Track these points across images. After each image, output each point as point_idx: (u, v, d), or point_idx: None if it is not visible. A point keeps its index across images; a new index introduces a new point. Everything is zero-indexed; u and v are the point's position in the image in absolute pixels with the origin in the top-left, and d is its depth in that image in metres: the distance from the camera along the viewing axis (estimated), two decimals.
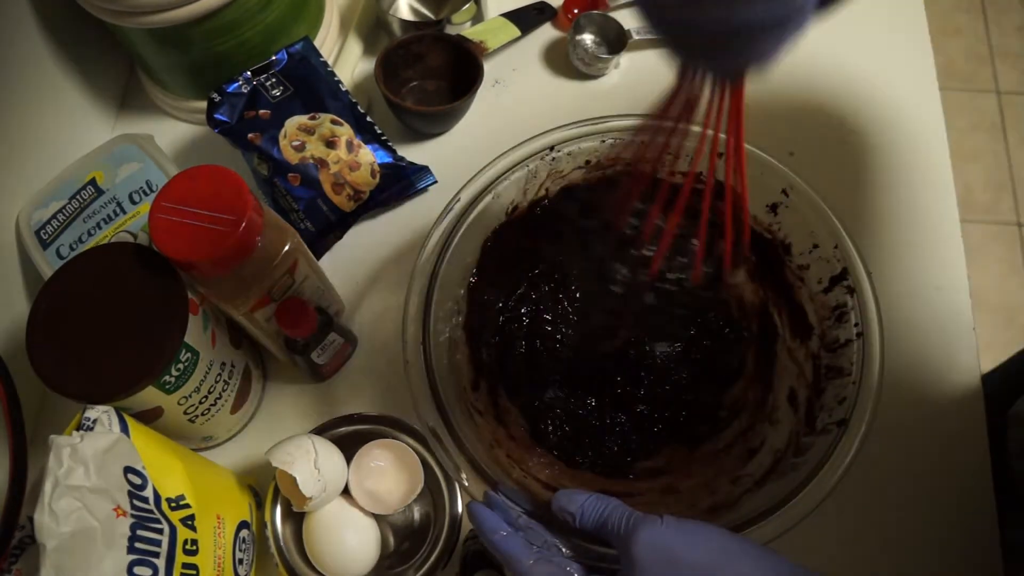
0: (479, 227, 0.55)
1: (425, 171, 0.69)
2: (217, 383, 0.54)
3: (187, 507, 0.47)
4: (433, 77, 0.74)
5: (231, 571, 0.50)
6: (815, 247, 0.52)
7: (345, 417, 0.56)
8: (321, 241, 0.66)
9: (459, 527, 0.52)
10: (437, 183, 0.70)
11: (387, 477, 0.54)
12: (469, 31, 0.76)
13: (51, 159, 0.65)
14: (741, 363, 0.59)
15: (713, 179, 0.50)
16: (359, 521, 0.53)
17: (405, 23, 0.75)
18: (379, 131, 0.68)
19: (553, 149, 0.55)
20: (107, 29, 0.65)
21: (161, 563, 0.43)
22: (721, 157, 0.53)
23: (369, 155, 0.66)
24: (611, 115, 0.55)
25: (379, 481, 0.54)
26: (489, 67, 0.75)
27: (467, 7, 0.75)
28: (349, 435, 0.55)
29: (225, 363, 0.55)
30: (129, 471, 0.44)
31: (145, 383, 0.47)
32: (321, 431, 0.55)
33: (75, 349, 0.47)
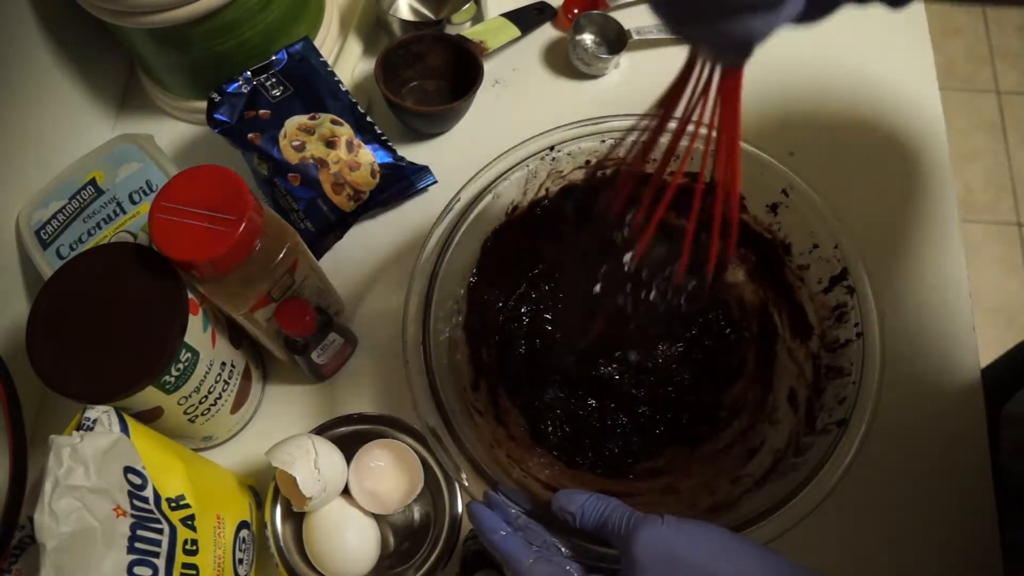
0: (479, 227, 0.55)
1: (425, 171, 0.69)
2: (217, 383, 0.54)
3: (187, 507, 0.47)
4: (433, 77, 0.74)
5: (231, 571, 0.50)
6: (815, 247, 0.52)
7: (345, 417, 0.56)
8: (321, 241, 0.66)
9: (459, 527, 0.52)
10: (437, 183, 0.70)
11: (387, 477, 0.54)
12: (469, 31, 0.76)
13: (51, 159, 0.65)
14: (741, 363, 0.59)
15: (707, 175, 0.50)
16: (359, 521, 0.53)
17: (405, 23, 0.75)
18: (379, 131, 0.68)
19: (553, 149, 0.55)
20: (107, 29, 0.65)
21: (161, 563, 0.43)
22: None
23: (369, 155, 0.66)
24: (611, 115, 0.55)
25: (379, 481, 0.54)
26: (489, 67, 0.75)
27: (467, 7, 0.75)
28: (349, 435, 0.55)
29: (225, 363, 0.55)
30: (129, 471, 0.44)
31: (145, 383, 0.47)
32: (321, 431, 0.55)
33: (75, 349, 0.47)
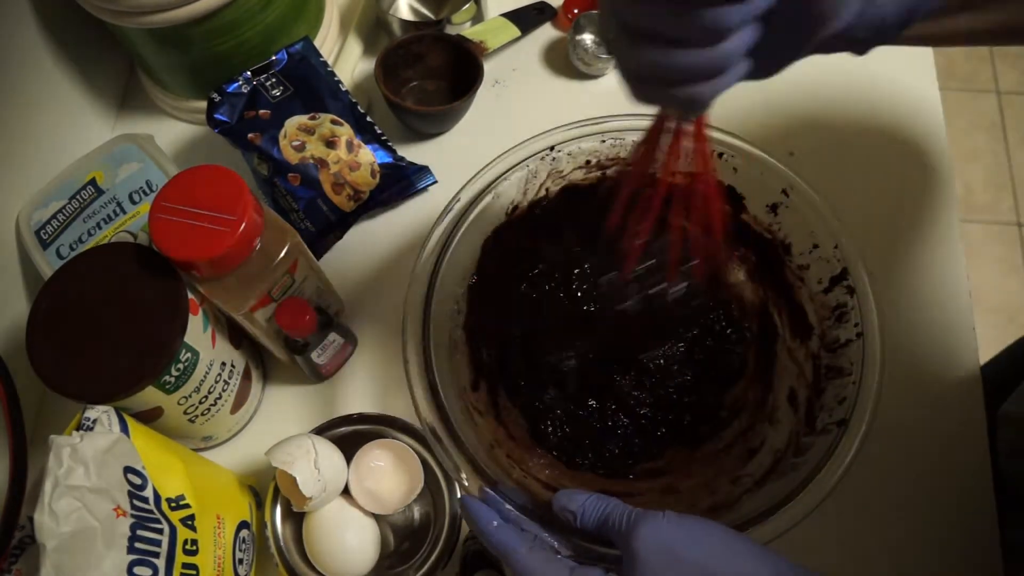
0: (479, 227, 0.55)
1: (425, 171, 0.69)
2: (217, 383, 0.54)
3: (187, 507, 0.47)
4: (433, 77, 0.74)
5: (231, 571, 0.50)
6: (815, 247, 0.52)
7: (345, 417, 0.56)
8: (321, 241, 0.66)
9: (459, 527, 0.52)
10: (437, 183, 0.70)
11: (387, 477, 0.54)
12: (469, 31, 0.76)
13: (51, 159, 0.65)
14: (742, 363, 0.59)
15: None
16: (359, 521, 0.53)
17: (405, 23, 0.75)
18: (379, 131, 0.68)
19: (553, 149, 0.55)
20: (107, 29, 0.65)
21: (161, 563, 0.43)
22: (722, 157, 0.54)
23: (369, 155, 0.66)
24: (611, 115, 0.55)
25: (379, 481, 0.54)
26: (489, 67, 0.75)
27: (467, 7, 0.75)
28: (349, 435, 0.55)
29: (225, 363, 0.55)
30: (129, 471, 0.44)
31: (145, 383, 0.47)
32: (321, 431, 0.55)
33: (75, 349, 0.47)
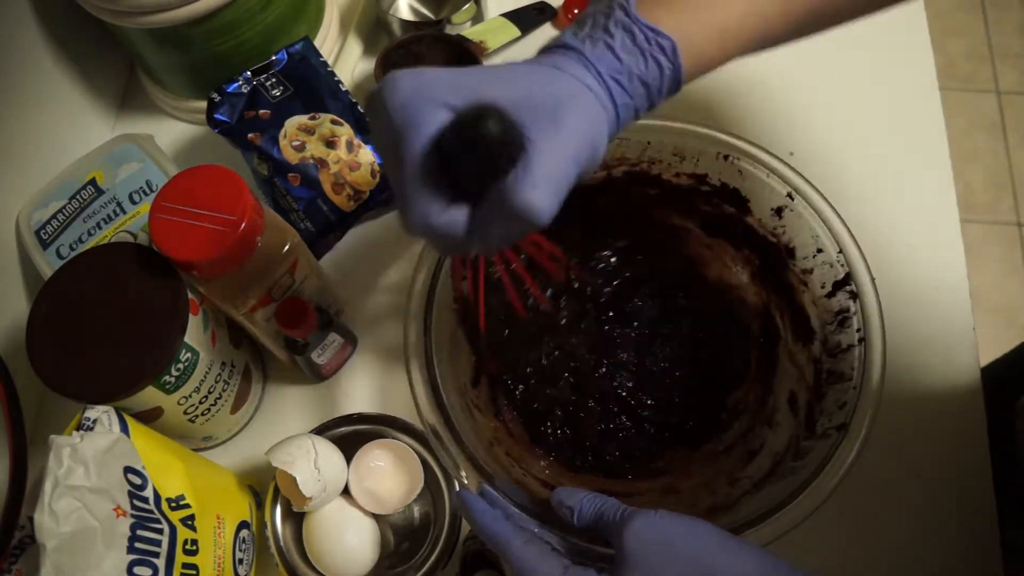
0: None
1: None
2: (217, 383, 0.54)
3: (187, 507, 0.47)
4: None
5: (231, 571, 0.50)
6: (819, 251, 0.52)
7: (345, 417, 0.56)
8: (321, 241, 0.66)
9: (459, 527, 0.52)
10: None
11: (387, 477, 0.54)
12: (469, 31, 0.76)
13: (51, 159, 0.65)
14: (744, 365, 0.58)
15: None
16: (359, 521, 0.53)
17: (405, 23, 0.75)
18: None
19: None
20: (107, 29, 0.65)
21: (161, 563, 0.43)
22: (727, 159, 0.53)
23: (369, 155, 0.66)
24: None
25: (379, 481, 0.54)
26: None
27: (467, 7, 0.75)
28: (349, 435, 0.55)
29: (225, 363, 0.55)
30: (129, 471, 0.44)
31: (145, 383, 0.47)
32: (321, 431, 0.55)
33: (75, 349, 0.47)
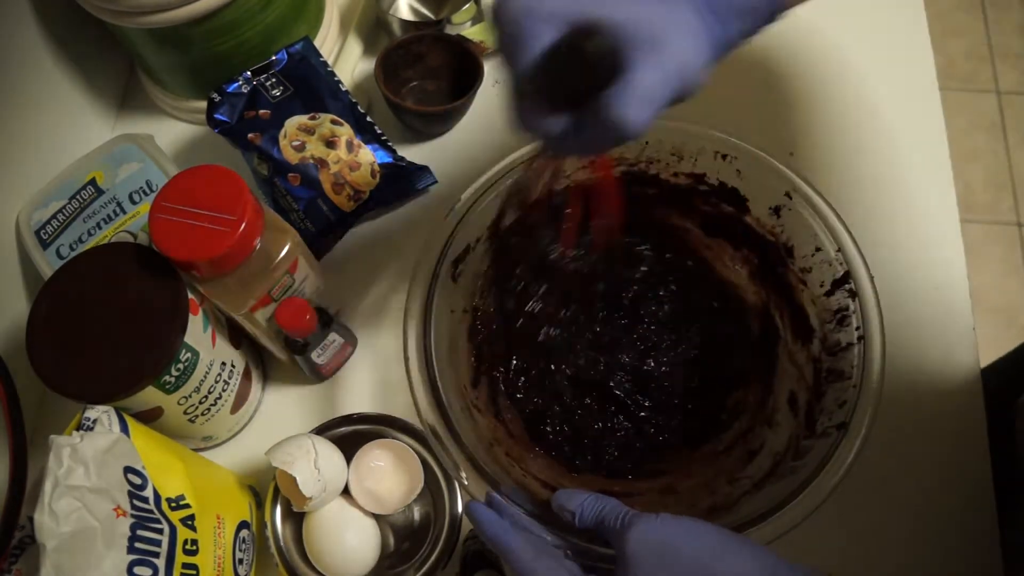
0: (479, 227, 0.55)
1: (425, 171, 0.69)
2: (217, 383, 0.54)
3: (187, 507, 0.47)
4: (433, 77, 0.74)
5: (231, 571, 0.50)
6: (818, 250, 0.52)
7: (345, 417, 0.56)
8: (321, 241, 0.66)
9: (459, 527, 0.52)
10: (437, 183, 0.70)
11: (387, 477, 0.54)
12: (469, 31, 0.76)
13: (51, 159, 0.65)
14: (745, 365, 0.58)
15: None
16: (359, 521, 0.53)
17: (405, 23, 0.75)
18: (379, 131, 0.68)
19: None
20: (107, 29, 0.65)
21: (161, 563, 0.43)
22: (726, 159, 0.54)
23: (369, 155, 0.66)
24: None
25: (379, 481, 0.54)
26: (489, 67, 0.74)
27: (467, 7, 0.75)
28: (349, 435, 0.55)
29: (225, 363, 0.55)
30: (129, 471, 0.44)
31: (145, 383, 0.47)
32: (321, 431, 0.55)
33: (75, 349, 0.47)
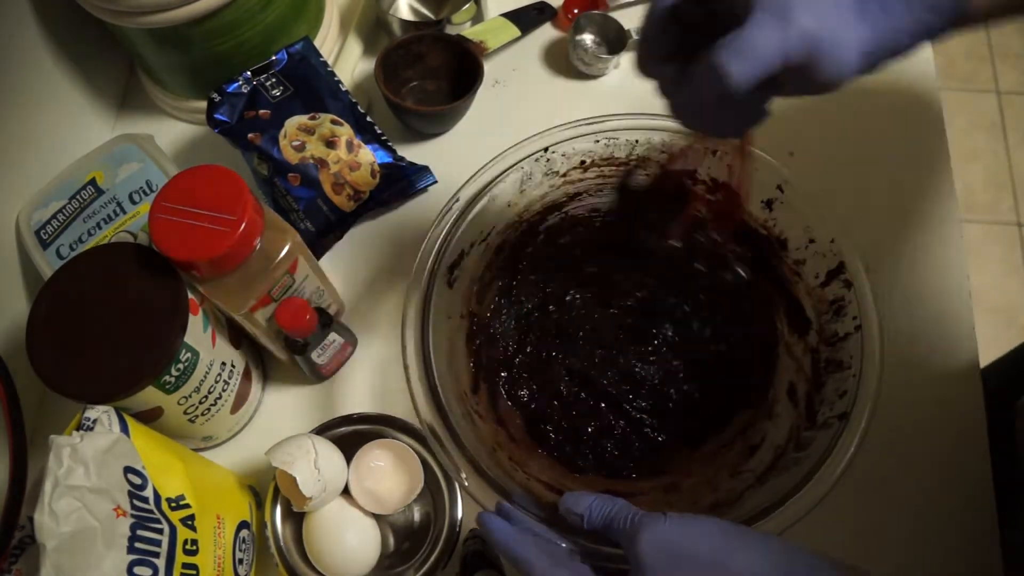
0: (479, 227, 0.55)
1: (425, 171, 0.69)
2: (217, 383, 0.54)
3: (187, 507, 0.47)
4: (433, 77, 0.74)
5: (231, 571, 0.50)
6: (811, 242, 0.52)
7: (345, 417, 0.56)
8: (321, 241, 0.66)
9: (459, 527, 0.52)
10: (437, 183, 0.70)
11: (387, 477, 0.54)
12: (469, 31, 0.76)
13: (51, 159, 0.65)
14: (744, 359, 0.58)
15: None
16: (359, 521, 0.53)
17: (405, 23, 0.75)
18: (379, 131, 0.68)
19: (547, 151, 0.55)
20: (107, 29, 0.65)
21: (161, 563, 0.43)
22: (716, 155, 0.54)
23: (369, 155, 0.66)
24: (605, 115, 0.55)
25: (379, 481, 0.54)
26: (489, 67, 0.75)
27: (467, 7, 0.75)
28: (349, 435, 0.55)
29: (225, 363, 0.55)
30: (129, 471, 0.44)
31: (145, 383, 0.47)
32: (321, 431, 0.55)
33: (75, 349, 0.47)
